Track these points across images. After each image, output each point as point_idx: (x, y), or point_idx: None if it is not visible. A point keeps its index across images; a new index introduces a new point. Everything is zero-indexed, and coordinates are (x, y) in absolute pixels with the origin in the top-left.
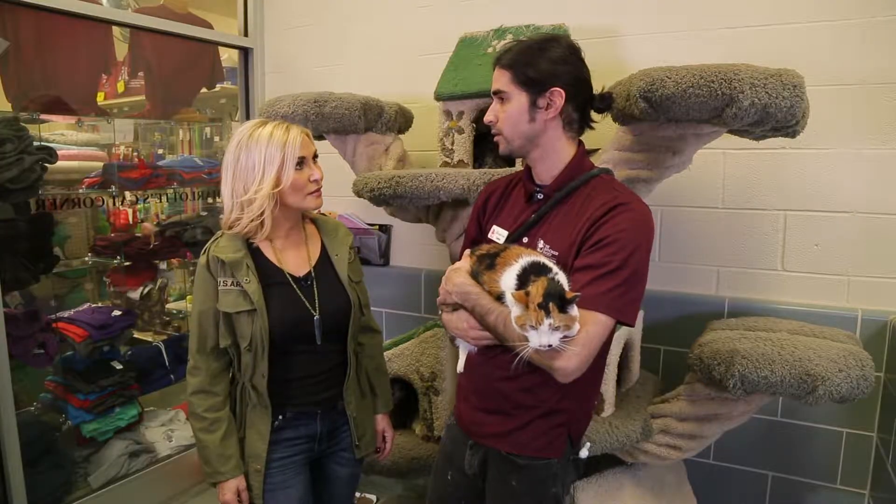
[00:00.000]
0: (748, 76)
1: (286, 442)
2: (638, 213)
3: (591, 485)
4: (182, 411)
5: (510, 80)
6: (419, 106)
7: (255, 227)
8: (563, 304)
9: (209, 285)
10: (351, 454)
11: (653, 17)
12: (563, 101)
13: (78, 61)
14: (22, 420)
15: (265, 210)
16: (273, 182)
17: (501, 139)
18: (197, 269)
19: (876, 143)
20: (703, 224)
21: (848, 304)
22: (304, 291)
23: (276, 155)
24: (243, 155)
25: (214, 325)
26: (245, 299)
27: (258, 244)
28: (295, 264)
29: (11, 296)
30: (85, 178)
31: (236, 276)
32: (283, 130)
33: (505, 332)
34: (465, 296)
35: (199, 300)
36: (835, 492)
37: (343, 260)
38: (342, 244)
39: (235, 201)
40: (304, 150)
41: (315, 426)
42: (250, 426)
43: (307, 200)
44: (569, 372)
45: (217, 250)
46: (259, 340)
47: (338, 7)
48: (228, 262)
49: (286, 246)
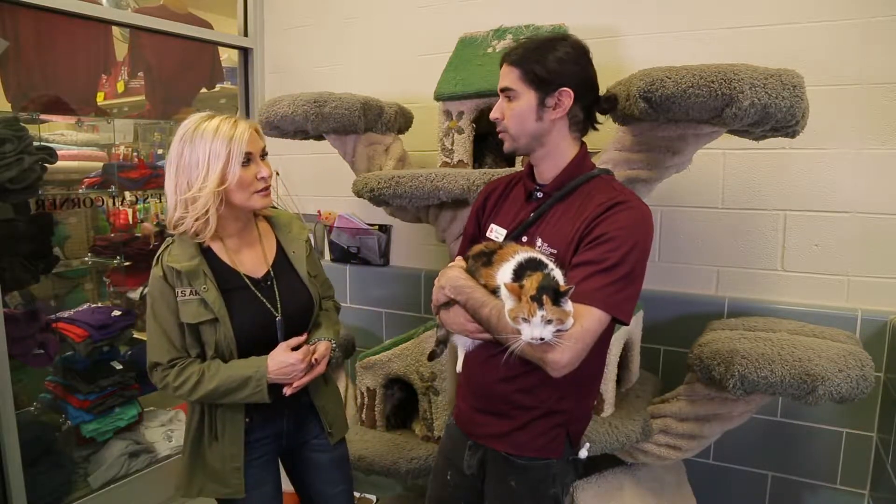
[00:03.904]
0: (748, 76)
1: (256, 443)
2: (637, 211)
3: (590, 485)
4: (182, 411)
5: (519, 78)
6: (419, 106)
7: (201, 225)
8: (556, 297)
9: (168, 296)
10: (324, 440)
11: (653, 17)
12: (572, 101)
13: (78, 61)
14: (22, 420)
15: (209, 208)
16: (218, 179)
17: (507, 136)
18: (151, 281)
19: (876, 143)
20: (703, 224)
21: (848, 304)
22: (264, 293)
23: (222, 151)
24: (187, 149)
25: (181, 338)
26: (206, 308)
27: (209, 244)
28: (251, 265)
29: (11, 296)
30: (85, 178)
31: (193, 286)
32: (231, 125)
33: (498, 324)
34: (459, 289)
35: (160, 313)
36: (834, 492)
37: (301, 256)
38: (297, 239)
39: (179, 198)
40: (251, 145)
41: (281, 424)
42: (223, 429)
43: (253, 199)
44: (561, 365)
45: (171, 260)
46: (225, 347)
47: (338, 7)
48: (185, 272)
49: (240, 246)
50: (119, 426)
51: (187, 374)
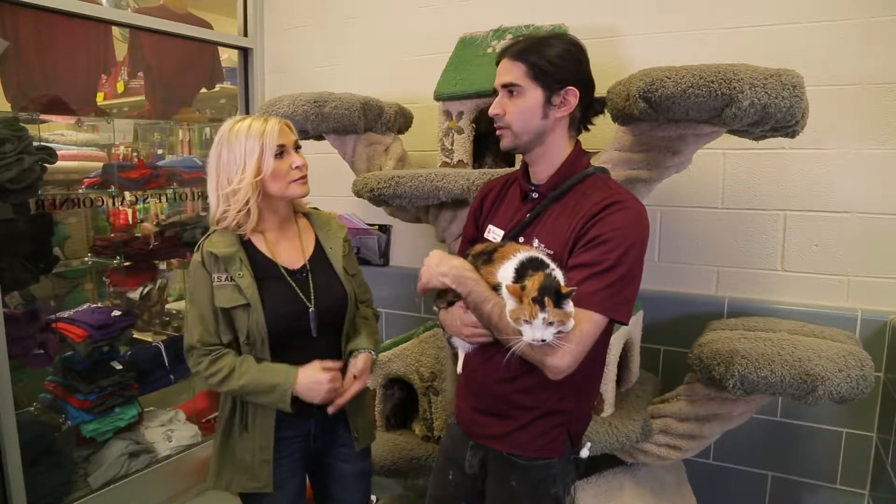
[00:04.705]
0: (748, 76)
1: (284, 441)
2: (632, 211)
3: (590, 485)
4: (182, 411)
5: (525, 74)
6: (419, 106)
7: (243, 217)
8: (558, 299)
9: (205, 281)
10: (351, 449)
11: (653, 17)
12: (577, 100)
13: (77, 61)
14: (22, 420)
15: (250, 199)
16: (254, 171)
17: (508, 133)
18: (191, 266)
19: (876, 143)
20: (703, 224)
21: (848, 304)
22: (299, 284)
23: (255, 145)
24: (224, 150)
25: (214, 322)
26: (239, 294)
27: (249, 237)
28: (289, 257)
29: (11, 296)
30: (85, 179)
31: (230, 271)
32: (262, 122)
33: (499, 323)
34: (462, 280)
35: (197, 297)
36: (834, 492)
37: (337, 253)
38: (335, 237)
39: (221, 194)
40: (282, 138)
41: (310, 424)
42: (255, 419)
43: (291, 188)
44: (561, 369)
45: (210, 245)
46: (256, 334)
47: (338, 7)
48: (222, 257)
49: (279, 239)
50: (119, 426)
51: (219, 365)
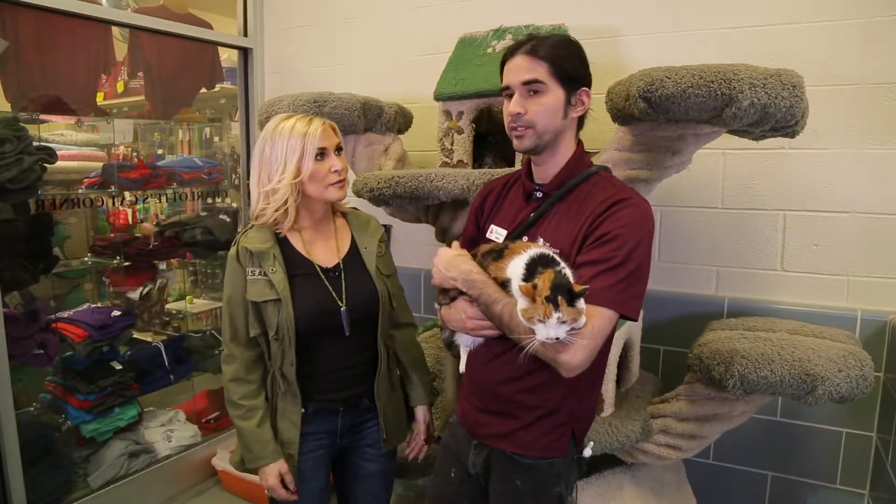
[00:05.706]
0: (747, 76)
1: (310, 436)
2: (639, 208)
3: (590, 485)
4: (182, 411)
5: (548, 73)
6: (419, 106)
7: (280, 216)
8: (571, 298)
9: (238, 275)
10: (377, 449)
11: (653, 17)
12: (590, 101)
13: (77, 61)
14: (21, 420)
15: (288, 199)
16: (293, 172)
17: (530, 133)
18: (227, 260)
19: (876, 143)
20: (703, 224)
21: (848, 304)
22: (331, 282)
23: (297, 146)
24: (268, 147)
25: (244, 315)
26: (271, 289)
27: (286, 234)
28: (324, 255)
29: (11, 296)
30: (84, 179)
31: (263, 266)
32: (305, 122)
33: (510, 322)
34: (471, 283)
35: (229, 290)
36: (834, 492)
37: (372, 252)
38: (372, 237)
39: (261, 191)
40: (324, 141)
41: (336, 422)
42: (282, 414)
43: (328, 192)
44: (574, 365)
45: (246, 241)
46: (285, 330)
47: (338, 7)
48: (256, 253)
49: (315, 238)
50: (119, 426)
51: (238, 395)
